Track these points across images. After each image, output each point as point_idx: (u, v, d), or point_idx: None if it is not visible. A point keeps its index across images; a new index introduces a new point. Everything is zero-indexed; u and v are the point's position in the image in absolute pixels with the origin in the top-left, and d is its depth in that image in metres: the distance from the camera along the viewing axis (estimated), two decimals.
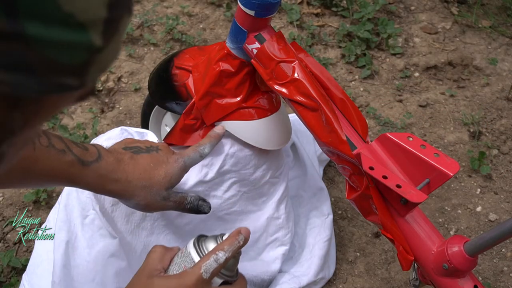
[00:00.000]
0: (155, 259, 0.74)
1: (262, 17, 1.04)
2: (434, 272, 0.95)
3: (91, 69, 0.39)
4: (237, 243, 0.73)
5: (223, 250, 0.71)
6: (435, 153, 0.93)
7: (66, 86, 0.39)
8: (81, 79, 0.39)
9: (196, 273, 0.70)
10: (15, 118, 0.38)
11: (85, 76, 0.39)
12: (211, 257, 0.70)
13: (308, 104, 1.02)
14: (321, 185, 1.41)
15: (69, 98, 0.42)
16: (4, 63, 0.34)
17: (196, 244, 0.73)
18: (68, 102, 0.43)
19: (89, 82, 0.40)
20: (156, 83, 1.25)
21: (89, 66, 0.39)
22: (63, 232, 1.18)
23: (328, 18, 2.13)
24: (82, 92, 0.42)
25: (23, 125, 0.39)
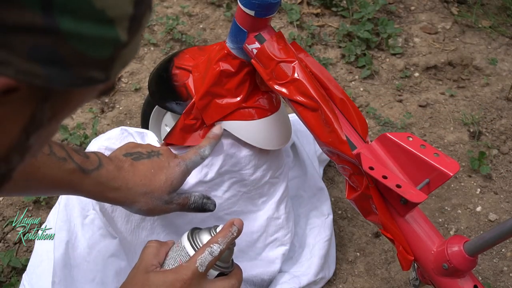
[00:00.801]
0: (150, 254, 0.74)
1: (262, 17, 1.04)
2: (434, 272, 0.95)
3: (116, 64, 0.41)
4: (231, 235, 0.73)
5: (217, 242, 0.72)
6: (435, 153, 0.93)
7: (93, 79, 0.40)
8: (107, 73, 0.41)
9: (191, 267, 0.70)
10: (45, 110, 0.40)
11: (110, 70, 0.41)
12: (205, 250, 0.71)
13: (308, 104, 1.02)
14: (321, 185, 1.41)
15: (93, 92, 0.44)
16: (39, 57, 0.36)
17: (190, 237, 0.73)
18: (93, 95, 0.45)
19: (113, 76, 0.42)
20: (156, 83, 1.25)
21: (114, 60, 0.41)
22: (63, 232, 1.18)
23: (328, 18, 2.13)
24: (105, 86, 0.44)
25: (51, 117, 0.41)
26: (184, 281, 0.69)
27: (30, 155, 0.42)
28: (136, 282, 0.72)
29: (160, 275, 0.71)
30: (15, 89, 0.36)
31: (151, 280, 0.71)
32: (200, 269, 0.70)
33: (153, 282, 0.71)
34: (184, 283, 0.69)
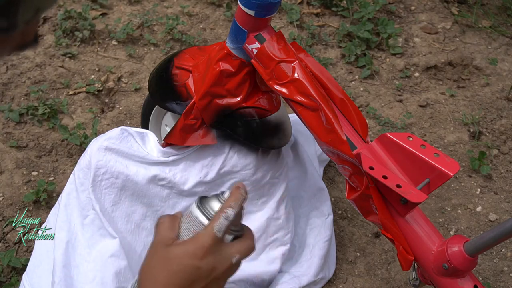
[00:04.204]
0: (165, 229, 0.75)
1: (262, 17, 1.04)
2: (434, 272, 0.95)
3: (20, 8, 0.37)
4: (241, 197, 0.74)
5: (231, 206, 0.73)
6: (435, 153, 0.93)
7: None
8: (9, 20, 0.37)
9: (210, 233, 0.71)
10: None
11: (13, 16, 0.37)
12: (221, 216, 0.72)
13: (308, 104, 1.02)
14: (321, 185, 1.41)
15: (4, 44, 0.40)
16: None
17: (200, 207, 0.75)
18: (5, 48, 0.41)
19: (20, 23, 0.38)
20: (156, 83, 1.25)
21: (15, 4, 0.37)
22: (63, 232, 1.18)
23: (328, 18, 2.13)
24: (21, 39, 0.40)
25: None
26: (205, 248, 0.70)
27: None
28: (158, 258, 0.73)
29: (180, 247, 0.72)
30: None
31: (172, 253, 0.71)
32: (218, 235, 0.71)
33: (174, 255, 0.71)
34: (206, 250, 0.70)
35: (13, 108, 1.69)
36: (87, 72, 1.84)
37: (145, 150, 1.20)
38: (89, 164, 1.16)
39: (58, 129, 1.63)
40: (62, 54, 1.87)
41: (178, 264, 0.70)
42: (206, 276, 0.70)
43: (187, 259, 0.70)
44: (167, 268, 0.71)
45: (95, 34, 1.95)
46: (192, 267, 0.70)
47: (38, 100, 1.71)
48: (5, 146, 1.60)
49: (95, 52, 1.90)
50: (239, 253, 0.73)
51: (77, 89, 1.78)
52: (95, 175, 1.16)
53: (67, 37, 1.93)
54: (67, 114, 1.71)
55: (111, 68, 1.85)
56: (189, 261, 0.70)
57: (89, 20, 1.94)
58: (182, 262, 0.70)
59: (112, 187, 1.16)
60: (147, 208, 1.20)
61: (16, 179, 1.53)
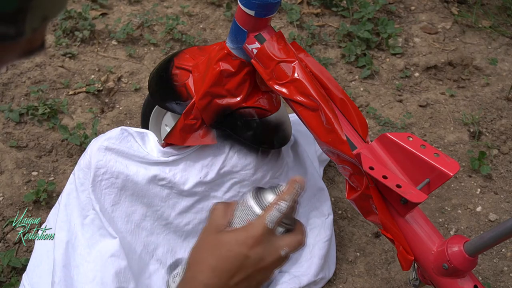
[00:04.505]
0: (219, 216, 0.76)
1: (262, 17, 1.04)
2: (434, 272, 0.95)
3: (28, 16, 0.38)
4: (296, 192, 0.75)
5: (285, 199, 0.74)
6: (435, 153, 0.93)
7: (1, 35, 0.37)
8: (17, 27, 0.37)
9: (261, 224, 0.72)
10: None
11: (21, 23, 0.37)
12: (274, 208, 0.73)
13: (308, 104, 1.02)
14: (321, 185, 1.41)
15: (11, 50, 0.40)
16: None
17: (255, 197, 0.76)
18: (12, 54, 0.41)
19: (28, 30, 0.38)
20: (156, 83, 1.25)
21: (24, 12, 0.37)
22: (63, 232, 1.18)
23: (328, 18, 2.13)
24: (28, 45, 0.40)
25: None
26: (255, 238, 0.71)
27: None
28: (208, 243, 0.74)
29: (231, 234, 0.73)
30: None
31: (223, 239, 0.72)
32: (269, 226, 0.72)
33: (225, 241, 0.72)
34: (256, 239, 0.71)
35: (13, 108, 1.69)
36: (87, 72, 1.84)
37: (145, 150, 1.20)
38: (89, 164, 1.16)
39: (58, 129, 1.63)
40: (62, 54, 1.87)
41: (228, 250, 0.71)
42: (253, 265, 0.71)
43: (236, 247, 0.71)
44: (217, 252, 0.72)
45: (95, 34, 1.95)
46: (241, 255, 0.71)
47: (38, 100, 1.71)
48: (5, 146, 1.60)
49: (95, 52, 1.90)
50: (288, 246, 0.74)
51: (77, 89, 1.78)
52: (95, 175, 1.16)
53: (67, 37, 1.93)
54: (67, 114, 1.71)
55: (111, 68, 1.85)
56: (238, 249, 0.71)
57: (89, 20, 1.94)
58: (232, 248, 0.71)
59: (112, 187, 1.16)
60: (147, 208, 1.20)
61: (16, 179, 1.53)
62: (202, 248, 0.74)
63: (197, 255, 0.74)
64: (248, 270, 0.71)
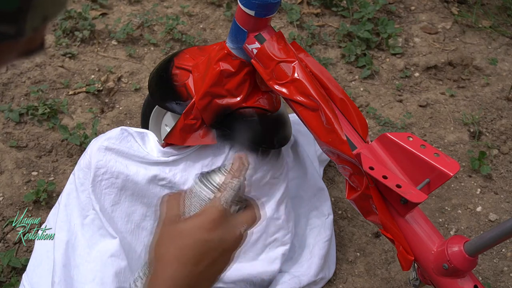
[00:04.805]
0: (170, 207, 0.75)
1: (262, 17, 1.04)
2: (434, 272, 0.95)
3: (28, 16, 0.38)
4: (244, 167, 0.75)
5: (236, 176, 0.73)
6: (435, 153, 0.93)
7: (1, 34, 0.37)
8: (17, 27, 0.38)
9: (217, 205, 0.72)
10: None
11: (21, 23, 0.38)
12: (227, 187, 0.73)
13: (308, 104, 1.02)
14: (321, 185, 1.41)
15: (11, 50, 0.40)
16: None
17: (203, 181, 0.75)
18: (12, 54, 0.41)
19: (28, 30, 0.38)
20: (156, 83, 1.25)
21: (24, 12, 0.37)
22: (63, 232, 1.18)
23: (328, 18, 2.13)
24: (28, 45, 0.40)
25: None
26: (213, 221, 0.71)
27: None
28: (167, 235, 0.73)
29: (188, 222, 0.72)
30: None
31: (181, 228, 0.72)
32: (225, 206, 0.72)
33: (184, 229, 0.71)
34: (214, 222, 0.71)
35: (13, 108, 1.69)
36: (87, 72, 1.84)
37: (145, 150, 1.20)
38: (89, 164, 1.16)
39: (58, 129, 1.63)
40: (62, 54, 1.87)
41: (188, 238, 0.71)
42: (215, 248, 0.71)
43: (196, 233, 0.70)
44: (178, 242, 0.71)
45: (95, 34, 1.95)
46: (202, 240, 0.70)
47: (38, 100, 1.71)
48: (5, 146, 1.60)
49: (95, 52, 1.90)
50: (246, 222, 0.74)
51: (77, 89, 1.78)
52: (95, 175, 1.16)
53: (67, 37, 1.93)
54: (67, 114, 1.71)
55: (111, 68, 1.85)
56: (199, 235, 0.70)
57: (89, 20, 1.94)
58: (192, 236, 0.71)
59: (112, 187, 1.16)
60: (147, 208, 1.20)
61: (16, 179, 1.53)
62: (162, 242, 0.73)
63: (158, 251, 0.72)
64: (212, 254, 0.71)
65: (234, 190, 0.72)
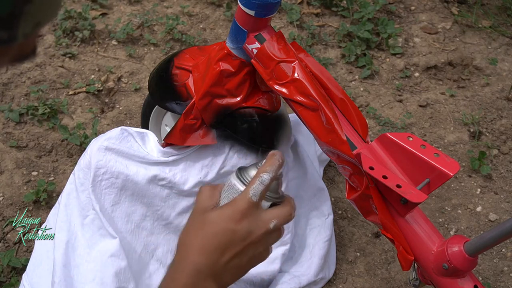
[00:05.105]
0: (204, 198, 0.76)
1: (262, 17, 1.04)
2: (434, 272, 0.95)
3: (21, 21, 0.38)
4: (277, 162, 0.75)
5: (266, 171, 0.73)
6: (435, 153, 0.93)
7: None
8: (9, 32, 0.38)
9: (245, 198, 0.72)
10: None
11: (14, 28, 0.38)
12: (256, 181, 0.73)
13: (308, 104, 1.02)
14: (321, 185, 1.41)
15: (3, 55, 0.40)
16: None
17: (238, 175, 0.76)
18: (4, 59, 0.41)
19: (20, 36, 0.38)
20: (156, 83, 1.25)
21: (17, 17, 0.37)
22: (63, 232, 1.18)
23: (328, 18, 2.13)
24: (20, 51, 0.40)
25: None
26: (241, 212, 0.71)
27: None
28: (195, 223, 0.73)
29: (216, 212, 0.72)
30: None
31: (208, 218, 0.72)
32: (254, 199, 0.72)
33: (210, 218, 0.72)
34: (241, 213, 0.71)
35: (13, 108, 1.69)
36: (87, 72, 1.84)
37: (145, 150, 1.20)
38: (89, 164, 1.16)
39: (58, 129, 1.63)
40: (62, 54, 1.87)
41: (214, 227, 0.71)
42: (242, 239, 0.70)
43: (222, 222, 0.71)
44: (203, 231, 0.71)
45: (95, 34, 1.95)
46: (228, 230, 0.70)
47: (38, 100, 1.71)
48: (5, 146, 1.60)
49: (95, 52, 1.90)
50: (277, 218, 0.73)
51: (77, 89, 1.78)
52: (95, 175, 1.16)
53: (67, 37, 1.93)
54: (67, 114, 1.71)
55: (111, 68, 1.85)
56: (224, 224, 0.70)
57: (89, 20, 1.94)
58: (218, 225, 0.71)
59: (112, 187, 1.16)
60: (147, 208, 1.20)
61: (16, 179, 1.53)
62: (189, 229, 0.73)
63: (184, 238, 0.73)
64: (238, 245, 0.70)
65: (262, 184, 0.72)
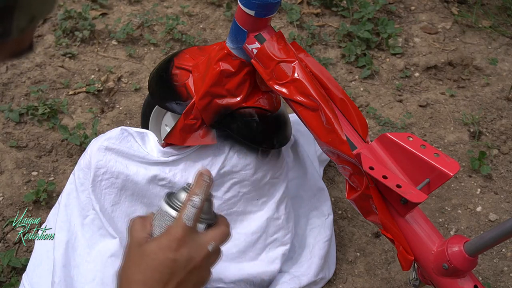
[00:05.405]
0: (137, 229, 0.74)
1: (262, 17, 1.04)
2: (434, 272, 0.95)
3: (15, 16, 0.37)
4: (205, 183, 0.74)
5: (196, 194, 0.73)
6: (435, 153, 0.93)
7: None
8: (3, 26, 0.37)
9: (180, 224, 0.71)
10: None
11: (7, 23, 0.38)
12: (188, 205, 0.72)
13: (308, 104, 1.02)
14: (321, 185, 1.41)
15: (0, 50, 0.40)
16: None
17: (168, 201, 0.75)
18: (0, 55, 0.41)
19: (15, 30, 0.38)
20: (156, 83, 1.25)
21: (10, 11, 0.37)
22: (63, 232, 1.18)
23: (328, 18, 2.13)
24: (16, 46, 0.40)
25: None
26: (178, 239, 0.70)
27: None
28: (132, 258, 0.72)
29: (153, 243, 0.71)
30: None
31: (146, 250, 0.71)
32: (188, 224, 0.71)
33: (149, 251, 0.70)
34: (179, 241, 0.70)
35: (13, 108, 1.69)
36: (87, 72, 1.84)
37: (145, 150, 1.20)
38: (89, 164, 1.16)
39: (58, 129, 1.63)
40: (62, 54, 1.87)
41: (153, 259, 0.69)
42: (183, 267, 0.70)
43: (161, 253, 0.69)
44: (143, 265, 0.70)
45: (95, 34, 1.95)
46: (168, 260, 0.69)
47: (38, 100, 1.71)
48: (5, 146, 1.60)
49: (95, 52, 1.90)
50: (214, 240, 0.72)
51: (77, 89, 1.78)
52: (95, 175, 1.16)
53: (67, 37, 1.93)
54: (67, 114, 1.71)
55: (111, 68, 1.85)
56: (163, 255, 0.69)
57: (89, 20, 1.94)
58: (157, 256, 0.69)
59: (112, 187, 1.16)
60: (147, 208, 1.20)
61: (16, 179, 1.53)
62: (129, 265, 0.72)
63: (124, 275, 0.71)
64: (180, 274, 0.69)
65: (194, 208, 0.71)
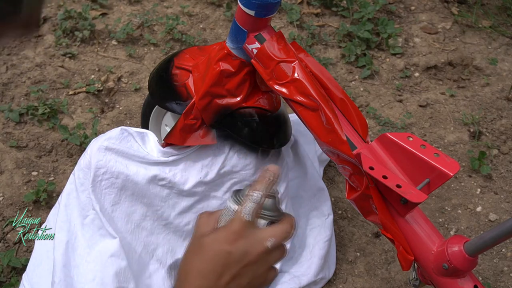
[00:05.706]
0: (202, 224, 0.76)
1: (262, 17, 1.04)
2: (434, 272, 0.95)
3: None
4: (268, 180, 0.74)
5: (256, 189, 0.73)
6: (435, 153, 0.93)
7: None
8: (14, 5, 0.39)
9: (238, 218, 0.71)
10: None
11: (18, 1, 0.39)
12: (247, 199, 0.72)
13: (308, 104, 1.02)
14: (321, 185, 1.41)
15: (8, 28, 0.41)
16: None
17: (233, 197, 0.76)
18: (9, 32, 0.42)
19: (24, 7, 0.39)
20: (156, 83, 1.25)
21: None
22: (63, 232, 1.18)
23: (328, 18, 2.13)
24: (24, 23, 0.41)
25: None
26: (235, 232, 0.70)
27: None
28: (193, 249, 0.73)
29: (212, 235, 0.72)
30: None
31: (205, 242, 0.72)
32: (247, 218, 0.71)
33: (207, 242, 0.71)
34: (236, 234, 0.70)
35: (13, 108, 1.69)
36: (87, 72, 1.84)
37: (145, 150, 1.20)
38: (89, 164, 1.16)
39: (58, 129, 1.63)
40: (62, 54, 1.87)
41: (209, 250, 0.70)
42: (238, 260, 0.70)
43: (217, 245, 0.70)
44: (200, 256, 0.71)
45: (95, 34, 1.95)
46: (223, 252, 0.70)
47: (38, 100, 1.71)
48: (5, 146, 1.60)
49: (95, 52, 1.90)
50: (274, 236, 0.72)
51: (77, 89, 1.78)
52: (95, 175, 1.16)
53: (67, 37, 1.93)
54: (67, 114, 1.71)
55: (111, 68, 1.85)
56: (219, 246, 0.70)
57: (89, 20, 1.94)
58: (213, 247, 0.70)
59: (112, 187, 1.16)
60: (147, 208, 1.20)
61: (16, 179, 1.53)
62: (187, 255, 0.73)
63: (183, 264, 0.73)
64: (235, 267, 0.70)
65: (254, 202, 0.71)
